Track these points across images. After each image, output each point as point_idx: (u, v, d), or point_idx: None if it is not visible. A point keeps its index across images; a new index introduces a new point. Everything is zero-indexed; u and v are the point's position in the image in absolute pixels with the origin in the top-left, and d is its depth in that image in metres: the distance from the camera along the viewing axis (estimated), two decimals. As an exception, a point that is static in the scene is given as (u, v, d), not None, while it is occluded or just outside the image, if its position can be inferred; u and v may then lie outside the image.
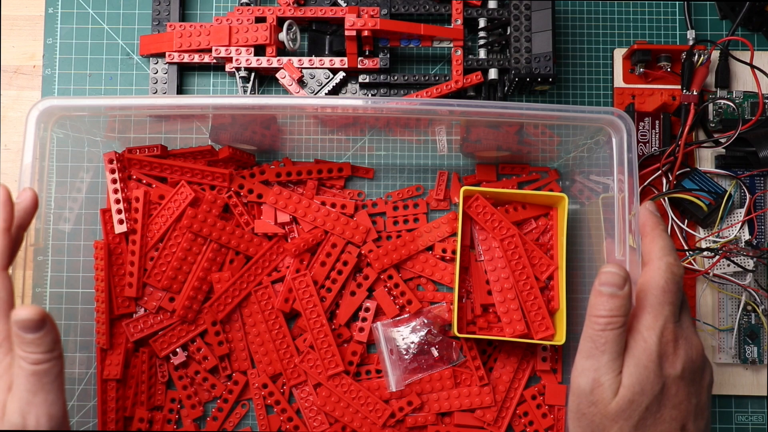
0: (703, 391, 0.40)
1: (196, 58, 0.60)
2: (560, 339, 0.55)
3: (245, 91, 0.60)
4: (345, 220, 0.59)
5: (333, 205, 0.60)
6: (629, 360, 0.39)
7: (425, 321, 0.58)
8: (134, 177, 0.59)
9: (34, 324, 0.38)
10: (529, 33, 0.57)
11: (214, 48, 0.58)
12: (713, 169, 0.60)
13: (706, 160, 0.61)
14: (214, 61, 0.59)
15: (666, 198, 0.59)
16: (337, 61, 0.58)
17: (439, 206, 0.61)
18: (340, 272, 0.59)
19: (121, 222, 0.57)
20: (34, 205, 0.44)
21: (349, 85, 0.61)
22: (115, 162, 0.58)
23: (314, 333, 0.57)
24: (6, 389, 0.39)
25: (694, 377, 0.40)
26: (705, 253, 0.58)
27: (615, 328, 0.39)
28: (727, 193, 0.58)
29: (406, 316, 0.59)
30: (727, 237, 0.59)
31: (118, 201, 0.58)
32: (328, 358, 0.57)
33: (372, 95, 0.60)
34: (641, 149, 0.59)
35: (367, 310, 0.59)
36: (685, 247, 0.59)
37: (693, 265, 0.59)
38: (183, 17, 0.62)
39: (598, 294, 0.39)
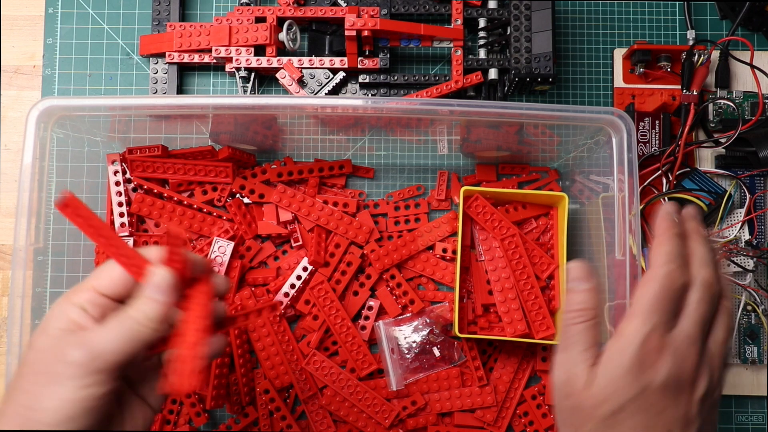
0: (694, 404, 0.39)
1: (196, 58, 0.60)
2: (560, 339, 0.55)
3: (245, 91, 0.60)
4: (348, 220, 0.59)
5: (335, 204, 0.60)
6: (606, 360, 0.39)
7: (427, 321, 0.58)
8: (134, 179, 0.59)
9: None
10: (529, 33, 0.57)
11: (214, 48, 0.58)
12: (713, 169, 0.60)
13: (706, 160, 0.61)
14: (214, 61, 0.59)
15: (666, 198, 0.59)
16: (337, 61, 0.58)
17: (440, 206, 0.61)
18: (343, 273, 0.59)
19: (123, 225, 0.57)
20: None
21: (349, 85, 0.61)
22: (118, 163, 0.58)
23: (341, 337, 0.58)
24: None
25: (682, 388, 0.39)
26: (705, 253, 0.58)
27: (583, 320, 0.39)
28: (727, 193, 0.58)
29: (408, 315, 0.59)
30: (727, 237, 0.59)
31: (120, 204, 0.58)
32: (360, 358, 0.58)
33: (372, 95, 0.60)
34: (641, 149, 0.59)
35: (369, 309, 0.59)
36: (685, 247, 0.59)
37: (693, 265, 0.59)
38: (183, 17, 0.62)
39: (567, 292, 0.41)
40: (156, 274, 0.37)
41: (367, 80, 0.59)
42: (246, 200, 0.60)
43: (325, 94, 0.59)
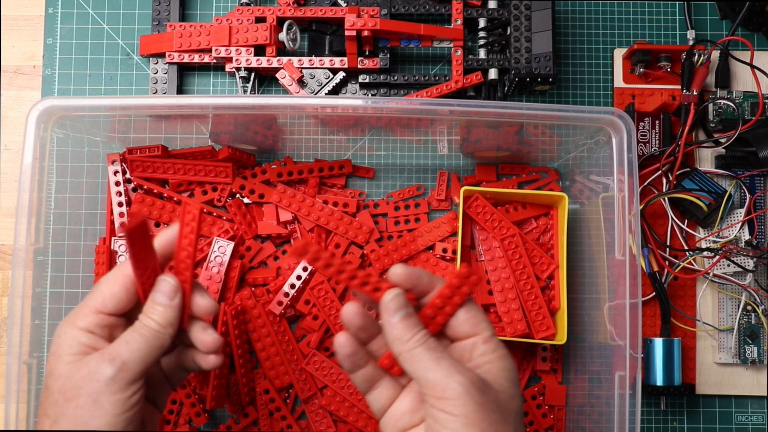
0: None
1: (196, 58, 0.60)
2: (561, 338, 0.55)
3: (245, 91, 0.60)
4: (348, 220, 0.59)
5: (335, 204, 0.60)
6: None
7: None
8: (134, 179, 0.59)
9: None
10: (529, 33, 0.57)
11: (214, 48, 0.58)
12: (713, 169, 0.60)
13: (706, 160, 0.61)
14: (214, 61, 0.59)
15: (666, 198, 0.59)
16: (337, 61, 0.58)
17: (440, 206, 0.61)
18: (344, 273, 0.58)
19: (123, 225, 0.58)
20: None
21: (349, 85, 0.61)
22: (117, 163, 0.58)
23: None
24: None
25: None
26: (705, 253, 0.58)
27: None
28: (727, 193, 0.58)
29: (406, 316, 0.59)
30: (727, 237, 0.59)
31: (120, 204, 0.58)
32: None
33: (372, 95, 0.60)
34: (641, 149, 0.59)
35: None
36: (685, 247, 0.59)
37: (693, 265, 0.59)
38: (183, 17, 0.62)
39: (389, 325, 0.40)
40: (162, 281, 0.39)
41: (367, 80, 0.59)
42: (246, 200, 0.60)
43: (325, 94, 0.59)
